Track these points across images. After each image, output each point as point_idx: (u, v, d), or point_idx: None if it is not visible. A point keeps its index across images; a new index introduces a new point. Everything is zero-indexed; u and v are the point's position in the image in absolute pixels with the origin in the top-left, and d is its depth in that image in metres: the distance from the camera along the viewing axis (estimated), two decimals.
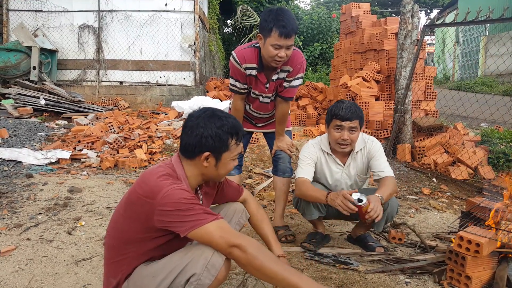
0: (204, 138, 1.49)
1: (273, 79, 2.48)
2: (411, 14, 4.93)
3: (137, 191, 1.44)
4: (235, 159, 1.60)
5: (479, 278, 1.95)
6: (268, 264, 1.38)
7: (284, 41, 2.19)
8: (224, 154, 1.54)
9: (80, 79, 8.64)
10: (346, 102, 2.32)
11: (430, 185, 4.22)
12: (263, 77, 2.47)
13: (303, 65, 2.46)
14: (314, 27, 14.84)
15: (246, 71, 2.45)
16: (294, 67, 2.43)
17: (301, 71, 2.47)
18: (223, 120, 1.53)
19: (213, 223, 1.38)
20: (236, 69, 2.46)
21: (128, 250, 1.48)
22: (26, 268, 2.15)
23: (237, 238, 1.39)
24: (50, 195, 3.36)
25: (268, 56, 2.29)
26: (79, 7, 8.55)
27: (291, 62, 2.41)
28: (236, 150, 1.58)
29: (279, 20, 2.16)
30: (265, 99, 2.60)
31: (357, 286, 2.02)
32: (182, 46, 8.70)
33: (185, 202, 1.37)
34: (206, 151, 1.50)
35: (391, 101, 5.72)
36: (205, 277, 1.37)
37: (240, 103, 2.64)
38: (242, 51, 2.43)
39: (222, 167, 1.57)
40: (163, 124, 6.45)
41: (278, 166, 2.75)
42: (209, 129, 1.49)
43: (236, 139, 1.55)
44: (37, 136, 5.36)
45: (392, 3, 29.49)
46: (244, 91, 2.56)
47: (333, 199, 2.15)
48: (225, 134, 1.51)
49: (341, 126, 2.29)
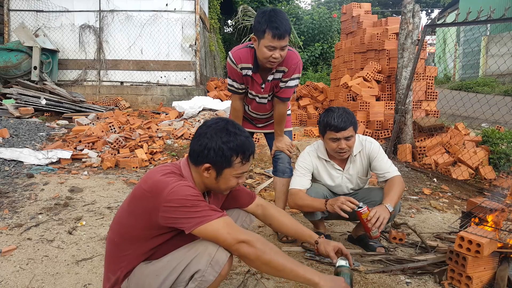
0: (207, 149, 1.47)
1: (269, 80, 2.47)
2: (412, 14, 4.93)
3: (143, 187, 1.44)
4: (239, 177, 1.54)
5: (480, 278, 1.95)
6: (276, 257, 1.40)
7: (277, 42, 2.19)
8: (226, 170, 1.49)
9: (81, 79, 8.65)
10: (336, 110, 2.28)
11: (431, 185, 4.21)
12: (258, 78, 2.48)
13: (299, 65, 2.44)
14: (315, 27, 14.85)
15: (242, 71, 2.46)
16: (289, 67, 2.42)
17: (296, 71, 2.45)
18: (231, 135, 1.48)
19: (220, 220, 1.39)
20: (233, 69, 2.48)
21: (129, 247, 1.48)
22: (27, 267, 2.15)
23: (245, 234, 1.40)
24: (51, 195, 3.36)
25: (263, 58, 2.29)
26: (80, 7, 8.57)
27: (286, 62, 2.40)
28: (241, 168, 1.51)
29: (272, 21, 2.16)
30: (262, 99, 2.60)
31: (357, 286, 2.02)
32: (183, 46, 8.70)
33: (191, 198, 1.37)
34: (206, 162, 1.48)
35: (392, 101, 5.72)
36: (209, 274, 1.38)
37: (239, 103, 2.66)
38: (238, 51, 2.44)
39: (222, 182, 1.52)
40: (163, 124, 6.45)
41: (277, 166, 2.75)
42: (213, 142, 1.47)
43: (242, 158, 1.49)
44: (38, 136, 5.37)
45: (393, 3, 29.47)
46: (241, 91, 2.58)
47: (333, 204, 2.19)
48: (228, 150, 1.46)
49: (336, 137, 2.27)
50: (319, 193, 2.39)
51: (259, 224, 2.95)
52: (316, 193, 2.38)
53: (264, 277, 2.08)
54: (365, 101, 5.75)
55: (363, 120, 5.71)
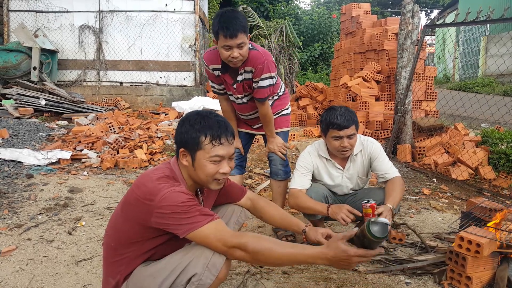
0: (178, 134, 1.52)
1: (238, 80, 2.48)
2: (412, 14, 4.93)
3: (136, 193, 1.44)
4: (216, 163, 1.49)
5: (479, 278, 1.95)
6: (272, 252, 1.38)
7: (231, 41, 2.20)
8: (198, 153, 1.48)
9: (80, 80, 8.65)
10: (338, 108, 2.29)
11: (431, 185, 4.21)
12: (228, 78, 2.50)
13: (267, 64, 2.40)
14: (314, 27, 14.85)
15: (214, 72, 2.52)
16: (256, 67, 2.40)
17: (265, 71, 2.41)
18: (200, 118, 1.50)
19: (209, 226, 1.38)
20: (207, 70, 2.56)
21: (127, 250, 1.48)
22: (26, 268, 2.15)
23: (235, 238, 1.38)
24: (50, 195, 3.36)
25: (223, 58, 2.31)
26: (80, 7, 8.57)
27: (252, 62, 2.40)
28: (213, 151, 1.47)
29: (222, 22, 2.19)
30: (240, 100, 2.60)
31: (357, 286, 2.02)
32: (182, 46, 8.70)
33: (182, 205, 1.36)
34: (181, 147, 1.52)
35: (392, 101, 5.72)
36: (206, 277, 1.38)
37: (225, 104, 2.70)
38: (208, 53, 2.50)
39: (199, 169, 1.49)
40: (163, 124, 6.45)
41: (271, 168, 2.76)
42: (183, 126, 1.51)
43: (210, 138, 1.46)
44: (37, 137, 5.36)
45: (393, 3, 29.49)
46: (222, 91, 2.63)
47: (336, 212, 2.19)
48: (195, 132, 1.47)
49: (339, 136, 2.28)
50: (319, 193, 2.39)
51: (259, 224, 2.96)
52: (316, 193, 2.38)
53: (264, 277, 2.08)
54: (364, 101, 5.76)
55: (362, 120, 5.71)
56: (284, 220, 1.84)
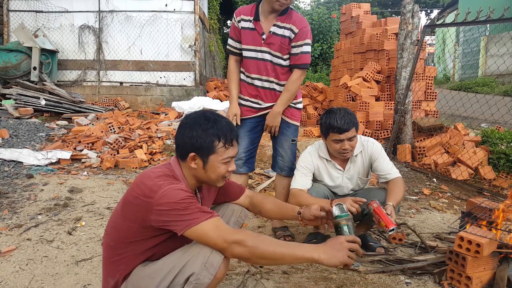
0: (189, 138, 1.49)
1: (271, 31, 2.46)
2: (411, 14, 4.93)
3: (135, 191, 1.45)
4: (227, 163, 1.53)
5: (479, 278, 1.95)
6: (271, 248, 1.39)
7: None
8: (211, 157, 1.50)
9: (80, 80, 8.65)
10: (338, 111, 2.27)
11: (431, 185, 4.21)
12: (259, 27, 2.50)
13: (309, 30, 2.48)
14: (314, 27, 14.86)
15: (240, 24, 2.55)
16: (300, 29, 2.42)
17: (308, 36, 2.47)
18: (211, 122, 1.50)
19: (208, 222, 1.38)
20: (232, 25, 2.62)
21: (126, 250, 1.48)
22: (26, 268, 2.15)
23: (235, 234, 1.39)
24: (50, 196, 3.36)
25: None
26: (80, 7, 8.56)
27: (295, 21, 2.41)
28: (226, 153, 1.51)
29: None
30: (262, 53, 2.50)
31: (357, 286, 2.02)
32: (182, 46, 8.70)
33: (182, 201, 1.37)
34: (191, 151, 1.50)
35: (391, 101, 5.72)
36: (204, 276, 1.37)
37: (234, 64, 2.69)
38: (241, 8, 2.60)
39: (211, 171, 1.52)
40: (163, 124, 6.45)
41: (277, 163, 2.70)
42: (194, 131, 1.49)
43: (224, 142, 1.50)
44: (37, 137, 5.36)
45: (392, 3, 29.50)
46: (236, 50, 2.63)
47: None
48: (209, 136, 1.48)
49: (340, 139, 2.27)
50: (320, 193, 2.39)
51: (259, 224, 2.96)
52: (317, 193, 2.38)
53: (264, 277, 2.08)
54: (364, 101, 5.76)
55: (362, 120, 5.71)
56: (281, 208, 1.88)
